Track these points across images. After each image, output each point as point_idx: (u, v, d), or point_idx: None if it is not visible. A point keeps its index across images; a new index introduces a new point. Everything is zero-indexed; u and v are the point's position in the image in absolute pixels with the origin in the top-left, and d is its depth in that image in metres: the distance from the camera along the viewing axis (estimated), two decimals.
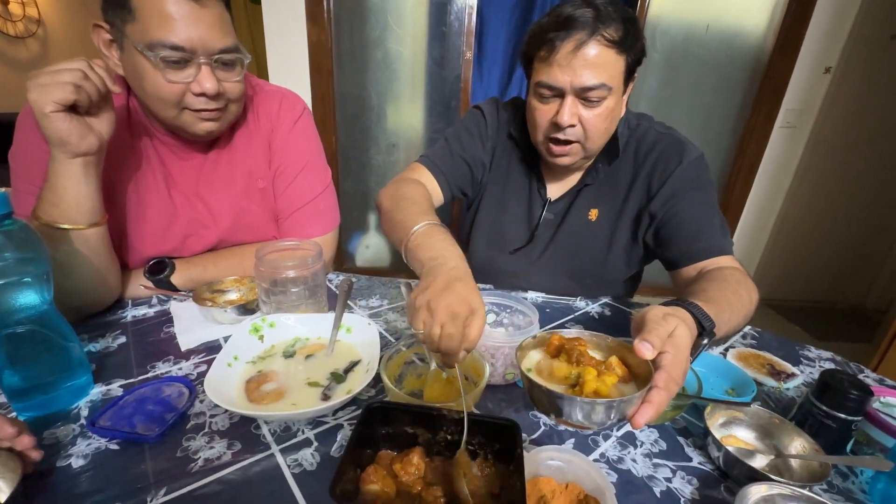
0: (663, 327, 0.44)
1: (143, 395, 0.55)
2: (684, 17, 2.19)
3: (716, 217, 0.79)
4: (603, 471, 0.44)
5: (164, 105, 0.68)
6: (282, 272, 0.66)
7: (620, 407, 0.40)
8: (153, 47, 0.62)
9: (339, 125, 2.40)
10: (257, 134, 0.84)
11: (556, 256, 0.93)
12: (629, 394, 0.41)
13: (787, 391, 0.66)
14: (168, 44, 0.63)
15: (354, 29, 2.24)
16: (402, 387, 0.59)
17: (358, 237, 2.74)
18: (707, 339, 0.51)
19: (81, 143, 0.60)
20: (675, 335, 0.44)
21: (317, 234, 0.88)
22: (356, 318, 0.65)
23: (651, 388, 0.41)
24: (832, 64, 2.18)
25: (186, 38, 0.63)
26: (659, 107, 2.33)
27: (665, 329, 0.44)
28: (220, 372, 0.54)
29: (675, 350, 0.43)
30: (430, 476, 0.44)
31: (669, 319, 0.46)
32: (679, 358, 0.43)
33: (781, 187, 2.44)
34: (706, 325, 0.51)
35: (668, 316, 0.46)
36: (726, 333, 0.60)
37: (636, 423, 0.40)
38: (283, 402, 0.52)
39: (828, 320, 2.60)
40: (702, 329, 0.51)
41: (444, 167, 0.89)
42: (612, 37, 0.69)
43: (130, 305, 0.77)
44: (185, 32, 0.63)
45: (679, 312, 0.49)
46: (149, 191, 0.78)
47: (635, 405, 0.41)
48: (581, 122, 0.74)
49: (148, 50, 0.63)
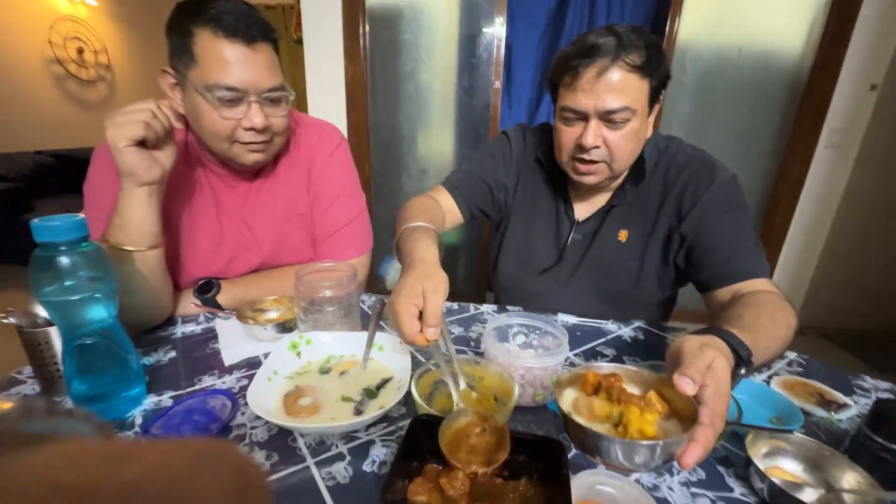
0: (701, 360, 0.43)
1: (190, 406, 0.58)
2: (715, 42, 2.19)
3: (750, 239, 0.78)
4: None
5: (218, 139, 0.75)
6: (319, 292, 0.69)
7: (668, 448, 0.39)
8: (211, 88, 0.70)
9: (372, 153, 2.51)
10: (298, 163, 0.90)
11: (586, 278, 0.93)
12: (672, 431, 0.40)
13: (840, 423, 0.62)
14: (224, 85, 0.70)
15: (388, 63, 2.37)
16: (433, 405, 0.60)
17: (389, 261, 2.80)
18: (744, 368, 0.50)
19: (147, 173, 0.67)
20: (714, 367, 0.43)
21: (352, 257, 0.92)
22: (388, 337, 0.67)
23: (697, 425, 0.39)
24: (878, 81, 2.10)
25: (240, 79, 0.70)
26: (692, 131, 2.31)
27: (703, 362, 0.43)
28: (261, 386, 0.57)
29: (715, 384, 0.42)
30: (476, 492, 0.44)
31: (707, 351, 0.44)
32: (721, 391, 0.42)
33: (829, 209, 2.32)
34: (743, 353, 0.50)
35: (704, 347, 0.45)
36: (764, 361, 0.58)
37: (685, 464, 0.39)
38: (319, 416, 0.54)
39: (889, 350, 2.39)
40: (738, 358, 0.50)
41: (463, 188, 0.94)
42: (635, 62, 0.71)
43: (180, 322, 0.83)
44: (239, 74, 0.70)
45: (715, 342, 0.48)
46: (200, 217, 0.85)
47: (683, 445, 0.39)
48: (606, 143, 0.76)
49: (206, 91, 0.70)
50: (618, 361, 0.75)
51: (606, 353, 0.78)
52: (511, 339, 0.74)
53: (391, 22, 2.31)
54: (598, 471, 0.47)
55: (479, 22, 2.26)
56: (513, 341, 0.74)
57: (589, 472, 0.46)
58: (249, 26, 0.70)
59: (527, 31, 2.32)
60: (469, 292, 2.72)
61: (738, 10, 2.13)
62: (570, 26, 2.28)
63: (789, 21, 2.13)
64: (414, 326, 0.52)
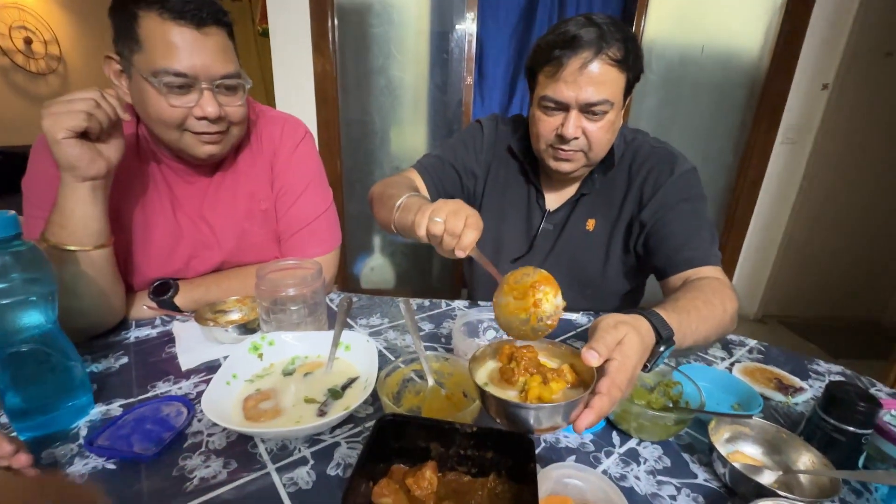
0: (612, 335, 0.46)
1: (141, 414, 0.55)
2: (679, 40, 2.25)
3: (704, 229, 0.80)
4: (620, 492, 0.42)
5: (166, 128, 0.71)
6: (282, 290, 0.66)
7: (559, 411, 0.42)
8: (157, 74, 0.66)
9: (343, 150, 2.46)
10: (260, 157, 0.87)
11: (556, 266, 0.93)
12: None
13: (796, 406, 0.64)
14: (171, 70, 0.66)
15: (358, 58, 2.33)
16: (401, 404, 0.59)
17: (363, 259, 2.76)
18: (664, 346, 0.52)
19: (90, 167, 0.62)
20: (623, 343, 0.45)
21: (318, 254, 0.90)
22: (355, 335, 0.65)
23: (594, 393, 0.42)
24: (829, 80, 2.21)
25: (189, 65, 0.66)
26: (659, 126, 2.37)
27: (614, 337, 0.45)
28: (218, 390, 0.54)
29: (622, 357, 0.44)
30: (443, 491, 0.43)
31: (620, 328, 0.47)
32: (625, 364, 0.44)
33: (787, 202, 2.44)
34: (663, 333, 0.52)
35: (619, 324, 0.47)
36: (695, 342, 0.61)
37: (577, 427, 0.41)
38: (280, 420, 0.52)
39: (842, 336, 2.53)
40: (659, 337, 0.52)
41: (434, 173, 0.94)
42: (616, 56, 0.72)
43: (134, 326, 0.78)
44: (188, 60, 0.66)
45: (634, 320, 0.50)
46: (154, 214, 0.80)
47: (578, 410, 0.42)
48: (585, 134, 0.77)
49: (153, 77, 0.66)
50: None
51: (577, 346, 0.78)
52: (482, 334, 0.73)
53: (361, 15, 2.26)
54: (566, 464, 0.46)
55: (450, 17, 2.24)
56: (483, 336, 0.73)
57: (557, 465, 0.46)
58: (198, 8, 0.66)
59: (498, 28, 2.32)
60: (443, 288, 2.72)
61: (701, 10, 2.20)
62: (540, 24, 2.29)
63: (748, 22, 2.22)
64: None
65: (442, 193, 0.94)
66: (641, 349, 0.47)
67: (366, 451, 0.42)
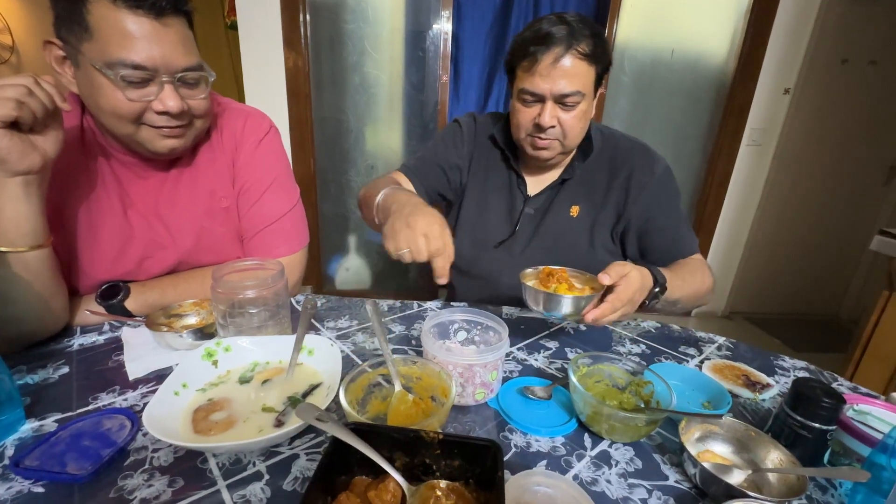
0: (621, 269, 0.64)
1: (79, 429, 0.50)
2: (650, 43, 2.29)
3: (685, 222, 0.94)
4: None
5: (121, 122, 0.66)
6: (240, 293, 0.62)
7: (576, 302, 0.64)
8: (112, 66, 0.61)
9: (317, 148, 2.40)
10: (220, 152, 0.82)
11: (539, 251, 0.96)
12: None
13: (763, 402, 0.65)
14: (129, 63, 0.61)
15: (332, 54, 2.27)
16: (366, 410, 0.56)
17: (338, 259, 2.70)
18: (659, 288, 0.71)
19: (22, 161, 0.57)
20: (628, 276, 0.64)
21: (283, 254, 0.86)
22: (319, 339, 0.62)
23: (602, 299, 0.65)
24: (791, 85, 2.29)
25: (148, 56, 0.62)
26: (631, 127, 2.41)
27: (621, 270, 0.64)
28: (165, 401, 0.50)
29: (625, 284, 0.64)
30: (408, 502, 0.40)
31: (627, 266, 0.65)
32: (627, 289, 0.64)
33: (752, 202, 2.52)
34: (659, 278, 0.71)
35: (626, 264, 0.66)
36: (678, 298, 0.79)
37: (587, 317, 0.64)
38: (233, 432, 0.48)
39: (804, 332, 2.64)
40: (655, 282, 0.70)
41: (420, 173, 0.97)
42: (585, 51, 0.78)
43: (79, 333, 0.72)
44: (146, 51, 0.62)
45: (638, 266, 0.68)
46: (102, 212, 0.74)
47: (590, 305, 0.64)
48: (560, 122, 0.83)
49: (107, 69, 0.61)
50: (560, 353, 0.75)
51: (549, 346, 0.77)
52: (452, 336, 0.71)
53: (334, 11, 2.21)
54: (536, 471, 0.45)
55: (426, 16, 2.22)
56: (454, 338, 0.71)
57: (526, 473, 0.44)
58: None
59: (473, 27, 2.31)
60: (421, 289, 2.69)
61: (671, 14, 2.25)
62: (515, 23, 2.30)
63: (715, 27, 2.28)
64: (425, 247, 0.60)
65: (431, 193, 0.99)
66: (640, 283, 0.66)
67: (324, 463, 0.39)
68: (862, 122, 2.45)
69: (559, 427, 0.56)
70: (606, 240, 0.95)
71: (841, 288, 2.82)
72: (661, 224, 0.91)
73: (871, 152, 2.52)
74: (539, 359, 0.73)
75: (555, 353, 0.75)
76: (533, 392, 0.62)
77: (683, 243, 0.92)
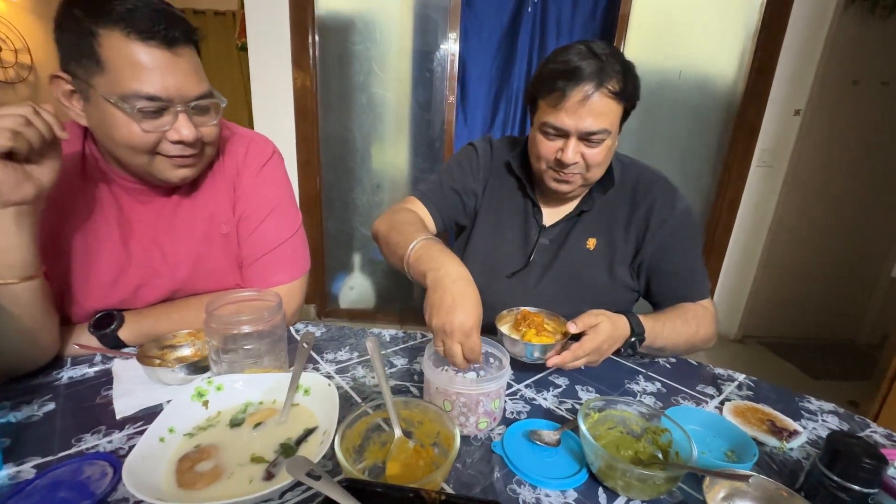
0: (591, 319, 0.67)
1: (56, 477, 0.47)
2: (657, 64, 2.29)
3: (699, 265, 0.89)
4: None
5: (136, 153, 0.65)
6: (234, 328, 0.60)
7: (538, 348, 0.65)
8: (127, 98, 0.60)
9: (323, 166, 2.40)
10: (222, 177, 0.80)
11: (554, 284, 0.91)
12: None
13: (791, 451, 0.60)
14: (144, 94, 0.61)
15: (339, 74, 2.29)
16: (364, 458, 0.52)
17: (342, 278, 2.68)
18: (635, 338, 0.72)
19: (15, 191, 0.55)
20: (598, 327, 0.66)
21: (282, 282, 0.83)
22: (315, 377, 0.59)
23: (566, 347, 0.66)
24: (801, 106, 2.27)
25: (163, 87, 0.61)
26: (639, 147, 2.39)
27: (592, 320, 0.67)
28: (150, 449, 0.46)
29: (593, 333, 0.66)
30: None
31: (599, 316, 0.67)
32: (593, 339, 0.65)
33: (763, 224, 2.47)
34: (636, 329, 0.72)
35: (600, 314, 0.68)
36: (663, 346, 0.79)
37: (548, 362, 0.65)
38: (220, 485, 0.45)
39: (820, 357, 2.55)
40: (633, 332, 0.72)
41: (436, 199, 0.93)
42: (615, 88, 0.74)
43: (69, 365, 0.70)
44: (161, 82, 0.61)
45: (613, 315, 0.69)
46: (99, 239, 0.73)
47: (552, 352, 0.65)
48: (584, 158, 0.79)
49: (122, 101, 0.60)
50: (570, 391, 0.71)
51: (559, 383, 0.73)
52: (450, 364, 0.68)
53: (342, 32, 2.24)
54: None
55: (433, 37, 2.24)
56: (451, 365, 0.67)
57: None
58: (169, 27, 0.61)
59: (480, 48, 2.32)
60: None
61: (678, 35, 2.25)
62: (522, 45, 2.30)
63: (722, 49, 2.27)
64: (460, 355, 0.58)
65: (446, 220, 0.95)
66: (609, 334, 0.67)
67: None
68: (874, 143, 2.41)
69: (570, 479, 0.52)
70: (625, 274, 0.89)
71: (857, 311, 2.73)
72: (672, 267, 0.87)
73: (884, 174, 2.48)
74: (548, 398, 0.69)
75: (564, 392, 0.71)
76: (540, 437, 0.58)
77: (690, 289, 0.87)
